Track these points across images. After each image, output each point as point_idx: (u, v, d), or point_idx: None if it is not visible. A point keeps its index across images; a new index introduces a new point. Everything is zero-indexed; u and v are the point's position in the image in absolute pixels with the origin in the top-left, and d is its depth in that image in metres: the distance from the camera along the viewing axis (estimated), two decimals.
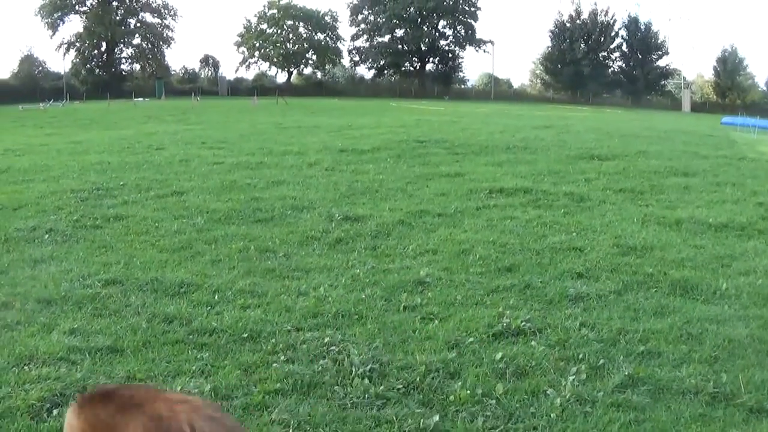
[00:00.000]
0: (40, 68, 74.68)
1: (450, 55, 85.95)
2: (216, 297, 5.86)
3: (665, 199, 10.84)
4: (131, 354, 4.67)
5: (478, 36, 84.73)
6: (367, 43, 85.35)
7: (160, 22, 79.30)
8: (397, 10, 79.77)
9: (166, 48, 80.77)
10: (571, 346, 4.85)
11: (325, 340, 4.84)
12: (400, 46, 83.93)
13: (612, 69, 79.64)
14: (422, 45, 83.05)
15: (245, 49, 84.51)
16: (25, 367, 4.39)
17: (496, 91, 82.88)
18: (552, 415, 3.90)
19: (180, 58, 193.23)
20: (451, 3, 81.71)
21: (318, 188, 11.09)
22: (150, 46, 78.81)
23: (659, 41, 77.34)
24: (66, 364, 4.44)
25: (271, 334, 5.04)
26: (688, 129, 29.17)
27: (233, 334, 5.02)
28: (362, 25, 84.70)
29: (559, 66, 78.97)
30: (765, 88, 76.95)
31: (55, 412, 3.83)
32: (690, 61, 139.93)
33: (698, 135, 25.01)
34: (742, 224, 8.89)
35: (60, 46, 74.96)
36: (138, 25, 78.14)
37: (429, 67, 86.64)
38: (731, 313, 5.61)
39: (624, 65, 79.08)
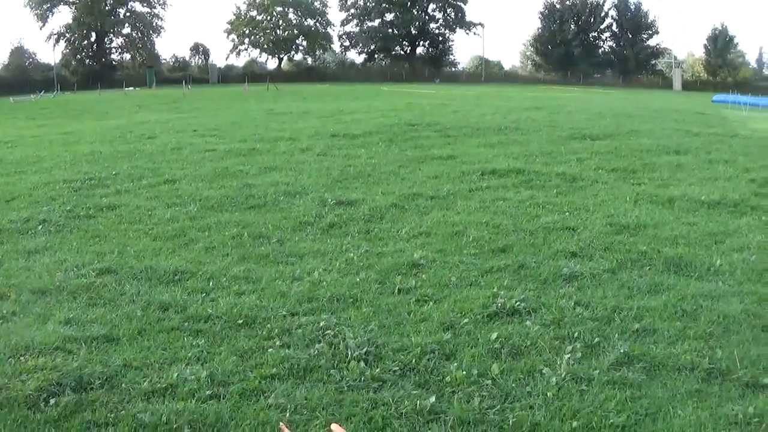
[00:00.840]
0: (31, 60, 74.20)
1: (440, 39, 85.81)
2: (210, 284, 5.85)
3: (658, 177, 10.84)
4: (127, 342, 4.67)
5: (468, 19, 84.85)
6: (357, 28, 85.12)
7: (149, 11, 78.90)
8: None
9: (156, 37, 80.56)
10: (566, 325, 4.86)
11: (320, 324, 4.84)
12: (390, 30, 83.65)
13: (602, 49, 79.67)
14: (412, 29, 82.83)
15: (235, 37, 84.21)
16: (22, 358, 4.38)
17: (486, 73, 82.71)
18: (548, 393, 3.91)
19: (170, 46, 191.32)
20: None
21: (310, 173, 11.06)
22: (140, 35, 78.38)
23: (649, 21, 77.37)
24: (62, 354, 4.43)
25: (266, 319, 5.04)
26: (680, 107, 29.18)
27: (228, 320, 5.02)
28: (352, 10, 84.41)
29: (549, 47, 78.95)
30: (755, 66, 77.13)
31: (52, 401, 3.83)
32: (680, 39, 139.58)
33: (690, 113, 25.01)
34: (735, 201, 8.91)
35: (50, 37, 74.70)
36: (127, 14, 77.74)
37: (419, 50, 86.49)
38: (725, 289, 5.63)
39: (614, 45, 79.07)
